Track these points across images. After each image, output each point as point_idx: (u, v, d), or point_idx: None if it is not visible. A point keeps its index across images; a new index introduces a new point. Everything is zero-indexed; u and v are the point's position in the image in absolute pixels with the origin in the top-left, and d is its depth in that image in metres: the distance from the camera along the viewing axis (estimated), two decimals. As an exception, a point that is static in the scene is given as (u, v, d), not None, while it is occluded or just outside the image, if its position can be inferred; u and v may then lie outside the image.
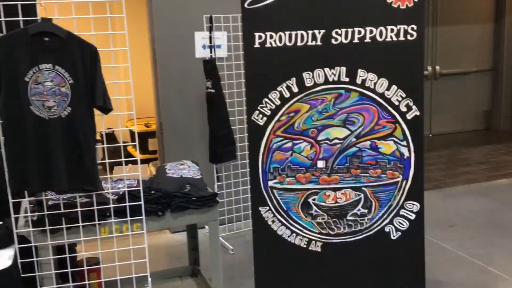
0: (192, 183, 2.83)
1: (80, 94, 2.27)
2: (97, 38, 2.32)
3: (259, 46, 2.51)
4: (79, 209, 2.41)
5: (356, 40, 2.50)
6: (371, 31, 2.50)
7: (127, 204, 2.49)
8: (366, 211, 2.64)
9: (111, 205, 2.48)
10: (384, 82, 2.54)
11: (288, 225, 2.66)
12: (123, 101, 2.45)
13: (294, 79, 2.54)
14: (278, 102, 2.57)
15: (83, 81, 2.26)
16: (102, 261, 2.65)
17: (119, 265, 2.53)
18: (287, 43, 2.51)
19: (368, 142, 2.60)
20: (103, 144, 2.59)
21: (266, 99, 2.56)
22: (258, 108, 2.57)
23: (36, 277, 2.41)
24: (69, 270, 2.47)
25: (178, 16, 4.03)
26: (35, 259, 2.39)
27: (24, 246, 2.37)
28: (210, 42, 3.68)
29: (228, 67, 3.90)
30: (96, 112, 2.35)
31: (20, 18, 2.22)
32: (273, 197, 2.64)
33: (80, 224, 2.42)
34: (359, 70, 2.53)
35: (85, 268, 2.63)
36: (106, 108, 2.35)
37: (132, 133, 5.07)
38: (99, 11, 2.33)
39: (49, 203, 2.43)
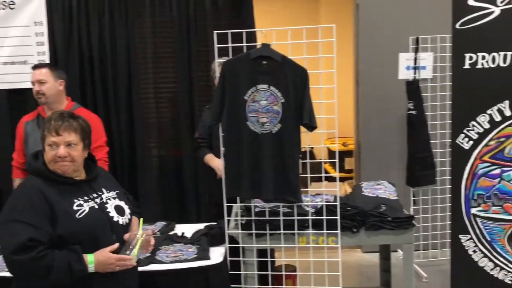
0: (388, 203, 2.82)
1: (289, 112, 2.47)
2: (307, 60, 2.50)
3: (469, 67, 2.42)
4: (281, 217, 2.61)
5: None
6: None
7: (324, 217, 2.61)
8: None
9: (310, 217, 2.63)
10: None
11: (492, 257, 2.47)
12: (323, 120, 2.58)
13: (507, 102, 2.38)
14: (487, 126, 2.43)
15: (293, 101, 2.47)
16: (297, 269, 2.81)
17: (313, 275, 2.65)
18: (501, 64, 2.37)
19: None
20: (304, 159, 2.75)
21: (473, 122, 2.45)
22: (464, 131, 2.47)
23: (241, 275, 2.66)
24: (269, 273, 2.68)
25: (383, 38, 4.08)
26: (241, 258, 2.65)
27: (233, 246, 2.66)
28: (415, 63, 3.64)
29: (432, 89, 3.80)
30: (301, 129, 2.54)
31: (244, 44, 2.52)
32: (475, 226, 2.49)
33: (282, 231, 2.61)
34: None
35: (283, 273, 2.80)
36: (311, 126, 2.52)
37: (330, 151, 5.24)
38: (310, 37, 2.52)
39: (256, 209, 2.68)
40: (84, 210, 1.90)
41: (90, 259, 1.85)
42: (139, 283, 2.13)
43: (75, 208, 1.89)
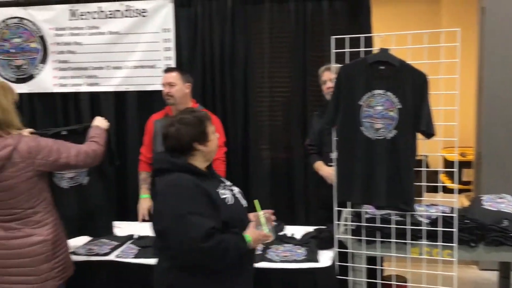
0: (510, 218, 2.64)
1: (406, 118, 2.42)
2: (426, 65, 2.43)
3: None
4: (393, 225, 2.55)
5: None
6: None
7: (440, 229, 2.51)
8: None
9: (424, 227, 2.54)
10: None
11: None
12: (441, 128, 2.48)
13: None
14: None
15: (410, 106, 2.41)
16: (409, 280, 2.73)
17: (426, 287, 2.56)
18: None
19: None
20: (418, 168, 2.67)
21: None
22: None
23: (349, 281, 2.65)
24: (379, 281, 2.64)
25: (511, 43, 3.82)
26: (350, 264, 2.64)
27: (342, 251, 2.66)
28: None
29: None
30: (418, 136, 2.47)
31: (361, 49, 2.52)
32: None
33: (393, 240, 2.56)
34: None
35: (394, 283, 2.75)
36: (429, 133, 2.44)
37: (446, 160, 5.01)
38: (430, 41, 2.44)
39: (367, 216, 2.65)
40: (229, 197, 2.09)
41: (247, 238, 2.04)
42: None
43: (222, 196, 2.06)
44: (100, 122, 2.66)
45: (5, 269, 2.32)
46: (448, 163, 4.86)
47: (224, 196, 2.07)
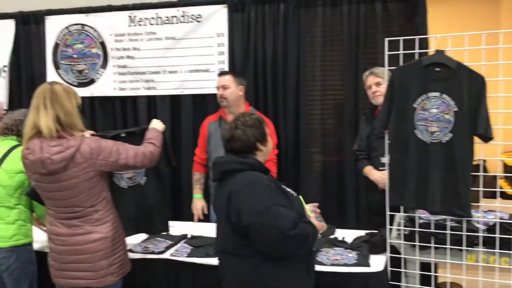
0: None
1: (462, 121, 2.36)
2: (484, 67, 2.37)
3: None
4: (448, 231, 2.49)
5: None
6: None
7: (497, 235, 2.43)
8: None
9: (481, 234, 2.47)
10: None
11: None
12: (500, 131, 2.41)
13: None
14: None
15: (467, 109, 2.35)
16: (464, 288, 2.66)
17: (481, 296, 2.49)
18: None
19: None
20: (475, 172, 2.59)
21: None
22: None
23: (402, 287, 2.61)
24: (432, 288, 2.59)
25: None
26: (402, 270, 2.60)
27: (394, 256, 2.62)
28: None
29: None
30: (475, 140, 2.40)
31: (416, 51, 2.48)
32: None
33: (448, 246, 2.50)
34: None
35: (447, 290, 2.69)
36: (487, 137, 2.37)
37: (506, 165, 4.82)
38: (490, 42, 2.37)
39: (420, 221, 2.60)
40: (291, 191, 2.28)
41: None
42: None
43: (288, 190, 2.27)
44: (156, 125, 2.76)
45: (67, 264, 2.44)
46: (508, 168, 4.68)
47: (289, 190, 2.27)
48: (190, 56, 4.16)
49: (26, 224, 2.77)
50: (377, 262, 2.58)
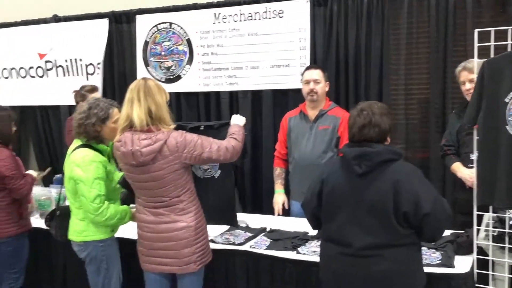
0: None
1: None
2: None
3: None
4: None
5: None
6: None
7: None
8: None
9: None
10: None
11: None
12: None
13: None
14: None
15: None
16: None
17: None
18: None
19: None
20: None
21: None
22: None
23: (489, 290, 2.49)
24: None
25: None
26: (490, 272, 2.47)
27: (481, 258, 2.49)
28: None
29: None
30: None
31: (509, 42, 2.34)
32: None
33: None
34: None
35: (540, 297, 2.52)
36: None
37: None
38: None
39: (511, 222, 2.46)
40: None
41: None
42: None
43: None
44: (238, 120, 2.82)
45: (154, 250, 2.57)
46: None
47: None
48: (272, 52, 4.20)
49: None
50: (463, 264, 2.47)
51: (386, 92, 3.90)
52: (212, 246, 2.77)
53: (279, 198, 3.49)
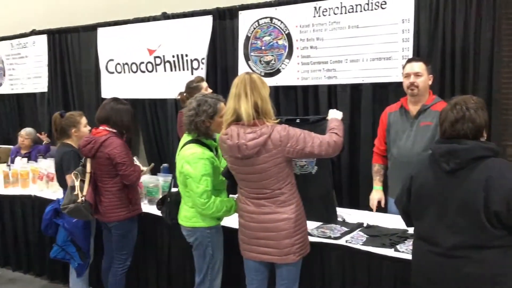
0: None
1: None
2: None
3: None
4: None
5: None
6: None
7: None
8: None
9: None
10: None
11: None
12: None
13: None
14: None
15: None
16: None
17: None
18: None
19: None
20: None
21: None
22: None
23: None
24: None
25: None
26: None
27: None
28: None
29: None
30: None
31: None
32: None
33: None
34: None
35: None
36: None
37: None
38: None
39: None
40: None
41: None
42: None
43: None
44: (336, 114, 2.81)
45: (256, 239, 2.65)
46: None
47: None
48: (373, 44, 4.11)
49: None
50: None
51: (496, 87, 3.66)
52: (309, 239, 2.80)
53: (376, 195, 3.43)
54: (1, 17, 7.00)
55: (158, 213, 3.23)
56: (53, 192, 4.26)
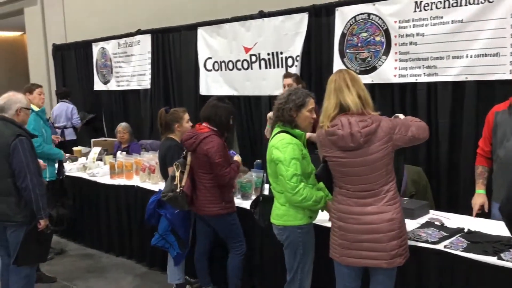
0: None
1: None
2: None
3: None
4: None
5: None
6: None
7: None
8: None
9: None
10: None
11: None
12: None
13: None
14: None
15: None
16: None
17: None
18: None
19: None
20: None
21: None
22: None
23: None
24: None
25: None
26: None
27: None
28: None
29: None
30: None
31: None
32: None
33: None
34: None
35: None
36: None
37: None
38: None
39: None
40: None
41: None
42: None
43: None
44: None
45: (358, 243, 2.53)
46: None
47: None
48: (479, 40, 3.90)
49: (297, 209, 2.88)
50: None
51: None
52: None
53: (478, 199, 3.23)
54: (110, 18, 7.50)
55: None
56: (153, 183, 4.49)
